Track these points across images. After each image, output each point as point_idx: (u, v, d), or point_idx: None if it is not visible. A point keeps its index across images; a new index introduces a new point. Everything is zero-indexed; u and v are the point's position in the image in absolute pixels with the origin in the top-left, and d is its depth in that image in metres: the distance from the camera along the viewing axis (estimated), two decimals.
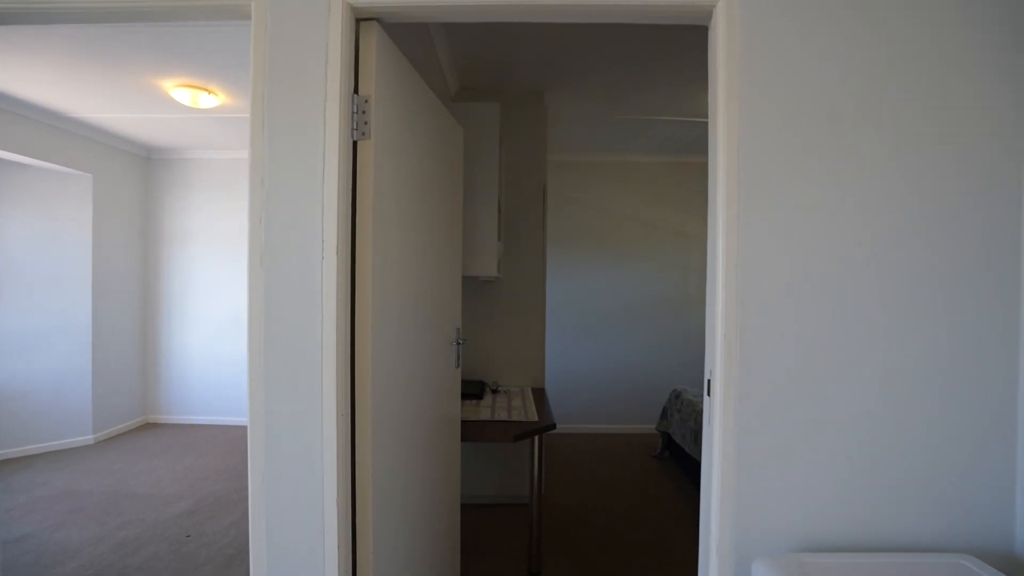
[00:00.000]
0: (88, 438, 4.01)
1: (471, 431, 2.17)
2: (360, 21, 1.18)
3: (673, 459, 3.90)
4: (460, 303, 2.00)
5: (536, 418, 2.36)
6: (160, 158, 4.60)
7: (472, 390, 2.78)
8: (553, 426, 2.31)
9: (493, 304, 3.09)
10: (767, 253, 1.07)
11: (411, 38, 2.01)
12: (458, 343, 1.92)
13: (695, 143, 4.22)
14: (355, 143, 1.18)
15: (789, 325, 1.07)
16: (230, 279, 4.56)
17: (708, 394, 1.14)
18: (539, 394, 2.91)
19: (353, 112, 1.16)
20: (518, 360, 3.10)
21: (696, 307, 4.67)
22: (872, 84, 1.08)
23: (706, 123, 3.55)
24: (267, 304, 1.09)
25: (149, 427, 4.53)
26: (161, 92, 3.14)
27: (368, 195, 1.18)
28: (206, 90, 3.05)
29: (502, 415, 2.41)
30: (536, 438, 2.33)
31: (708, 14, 1.15)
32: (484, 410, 2.50)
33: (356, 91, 1.18)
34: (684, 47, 2.54)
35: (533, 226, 3.10)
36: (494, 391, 2.92)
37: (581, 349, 4.66)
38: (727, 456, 1.06)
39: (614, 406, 4.67)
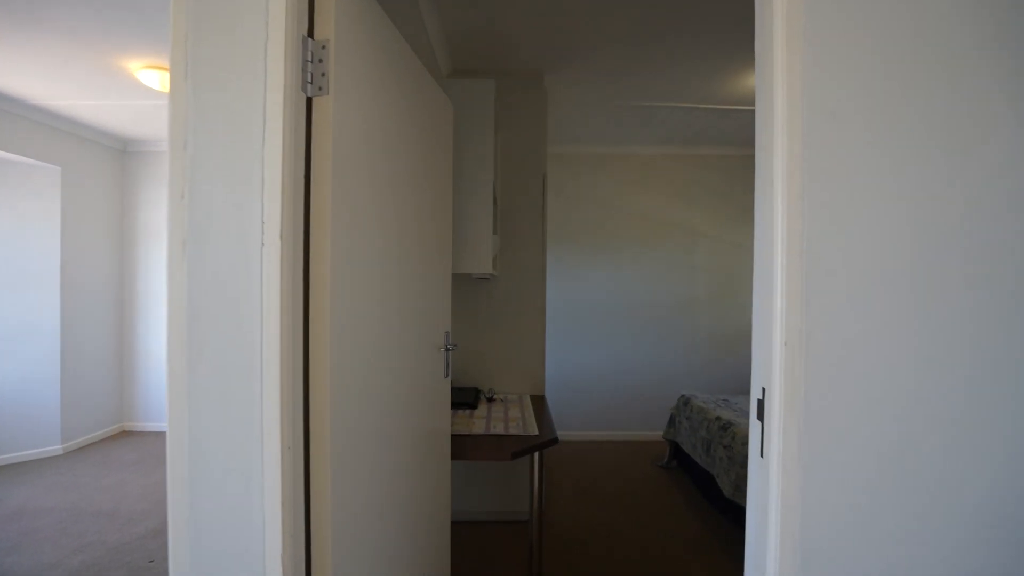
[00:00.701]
0: (56, 448, 3.75)
1: (463, 447, 1.92)
2: None
3: (681, 469, 3.65)
4: (450, 304, 1.76)
5: (536, 431, 2.12)
6: (136, 150, 4.34)
7: (465, 399, 2.54)
8: (555, 441, 2.07)
9: (488, 304, 2.85)
10: (844, 236, 0.82)
11: (394, 5, 1.77)
12: (447, 349, 1.68)
13: (703, 133, 3.98)
14: (309, 100, 0.93)
15: (874, 329, 0.82)
16: None
17: (759, 417, 0.90)
18: (539, 402, 2.67)
19: (306, 60, 0.92)
20: (516, 365, 2.85)
21: (705, 308, 4.43)
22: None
23: (716, 110, 3.30)
24: (190, 301, 0.84)
25: (125, 435, 4.26)
26: (127, 75, 2.88)
27: (326, 166, 0.94)
28: None
29: (498, 428, 2.16)
30: (536, 454, 2.08)
31: None
32: (478, 422, 2.25)
33: (311, 34, 0.94)
34: (693, 20, 2.30)
35: (532, 219, 2.86)
36: (490, 399, 2.67)
37: (583, 352, 4.42)
38: (788, 503, 0.81)
39: (618, 412, 4.43)
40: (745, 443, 2.63)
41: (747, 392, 4.41)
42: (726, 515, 2.83)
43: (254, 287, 0.83)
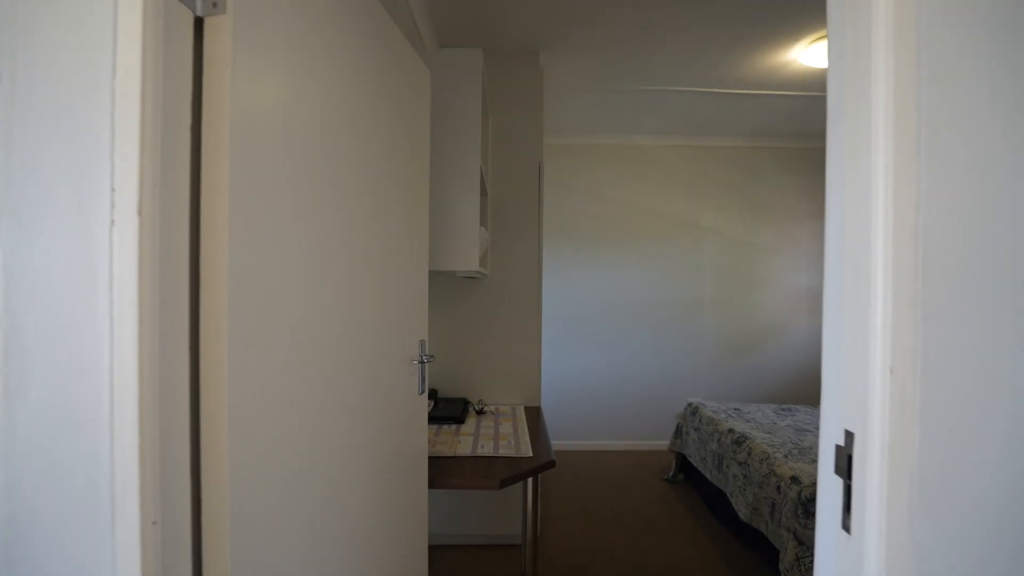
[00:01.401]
0: None
1: (445, 472, 1.65)
2: None
3: (688, 483, 3.39)
4: (426, 308, 1.48)
5: (530, 452, 1.85)
6: None
7: (451, 412, 2.26)
8: (551, 464, 1.80)
9: (477, 306, 2.58)
10: (987, 210, 0.55)
11: None
12: (423, 361, 1.40)
13: (710, 122, 3.72)
14: (200, 20, 0.66)
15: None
16: None
17: (841, 474, 0.63)
18: (534, 416, 2.40)
19: None
20: (508, 373, 2.58)
21: (711, 309, 4.17)
22: None
23: (726, 95, 3.02)
24: (6, 309, 0.57)
25: None
26: None
27: (221, 116, 0.66)
28: None
29: (487, 447, 1.89)
30: (530, 479, 1.81)
31: None
32: (464, 440, 1.97)
33: None
34: None
35: (527, 212, 2.58)
36: (479, 412, 2.40)
37: (581, 356, 4.15)
38: None
39: (618, 420, 4.16)
40: (763, 460, 2.36)
41: (759, 400, 4.14)
42: (740, 537, 2.56)
43: (99, 282, 0.56)
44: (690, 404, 3.39)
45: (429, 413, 2.23)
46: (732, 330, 4.17)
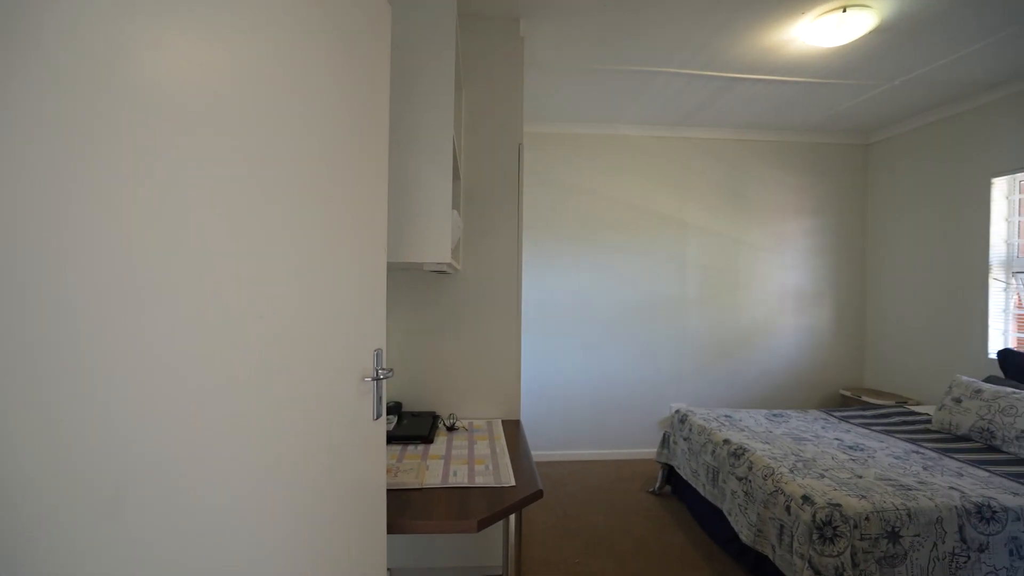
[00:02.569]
0: None
1: (410, 511, 1.33)
2: None
3: (676, 495, 3.15)
4: (383, 309, 1.17)
5: (511, 480, 1.55)
6: None
7: (417, 430, 1.95)
8: (538, 495, 1.51)
9: (448, 306, 2.27)
10: None
11: None
12: (378, 378, 1.09)
13: (698, 112, 3.50)
14: None
15: None
16: None
17: None
18: (513, 431, 2.10)
19: None
20: (485, 383, 2.28)
21: (696, 309, 3.96)
22: None
23: (718, 80, 2.78)
24: None
25: None
26: None
27: None
28: None
29: (460, 475, 1.58)
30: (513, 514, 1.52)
31: None
32: (433, 466, 1.66)
33: None
34: None
35: (505, 200, 2.29)
36: (450, 428, 2.09)
37: (560, 359, 3.88)
38: None
39: (600, 427, 3.90)
40: (767, 475, 2.13)
41: (745, 405, 3.96)
42: (740, 560, 2.33)
43: None
44: (678, 411, 3.16)
45: (391, 432, 1.91)
46: (717, 331, 3.98)
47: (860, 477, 2.06)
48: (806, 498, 1.88)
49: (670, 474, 3.20)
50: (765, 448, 2.41)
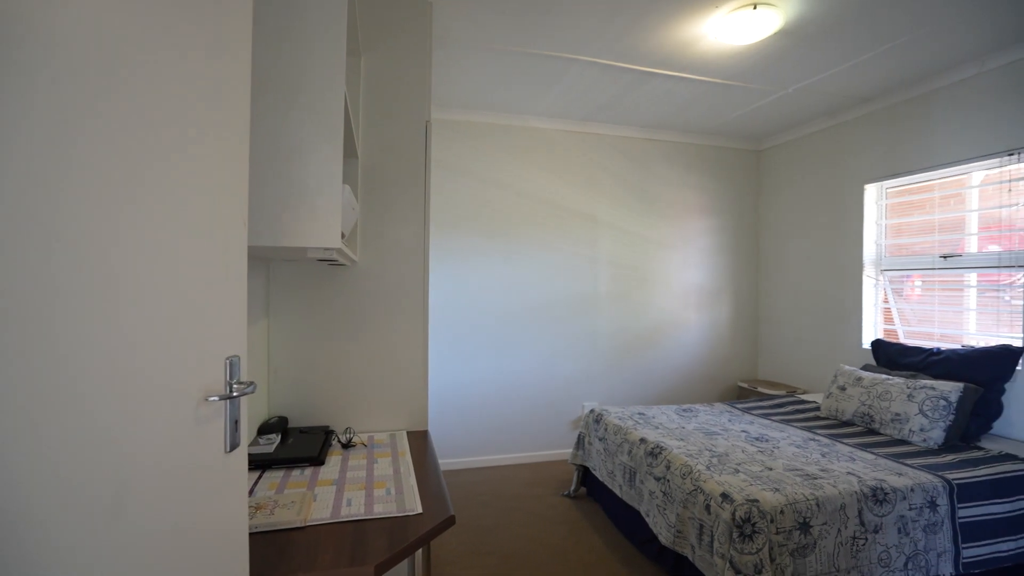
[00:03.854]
0: None
1: (286, 558, 1.05)
2: None
3: (592, 497, 3.08)
4: (242, 307, 0.88)
5: (418, 506, 1.31)
6: None
7: (305, 450, 1.64)
8: (449, 522, 1.28)
9: (343, 303, 1.97)
10: None
11: None
12: (231, 396, 0.80)
13: (610, 106, 3.48)
14: None
15: None
16: None
17: None
18: (421, 443, 1.86)
19: None
20: (387, 390, 2.00)
21: (607, 306, 3.95)
22: None
23: (631, 71, 2.75)
24: None
25: None
26: None
27: None
28: None
29: (355, 504, 1.31)
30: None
31: None
32: (323, 494, 1.38)
33: None
34: None
35: (409, 184, 2.04)
36: (347, 445, 1.80)
37: (472, 361, 3.67)
38: None
39: (511, 431, 3.75)
40: (685, 474, 2.09)
41: (654, 401, 4.02)
42: (659, 562, 2.27)
43: None
44: (592, 411, 3.09)
45: (271, 456, 1.58)
46: (628, 328, 4.00)
47: (770, 469, 2.08)
48: (725, 496, 1.85)
49: (585, 476, 3.12)
50: (680, 445, 2.38)
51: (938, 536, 1.97)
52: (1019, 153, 2.60)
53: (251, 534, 1.12)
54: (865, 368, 3.04)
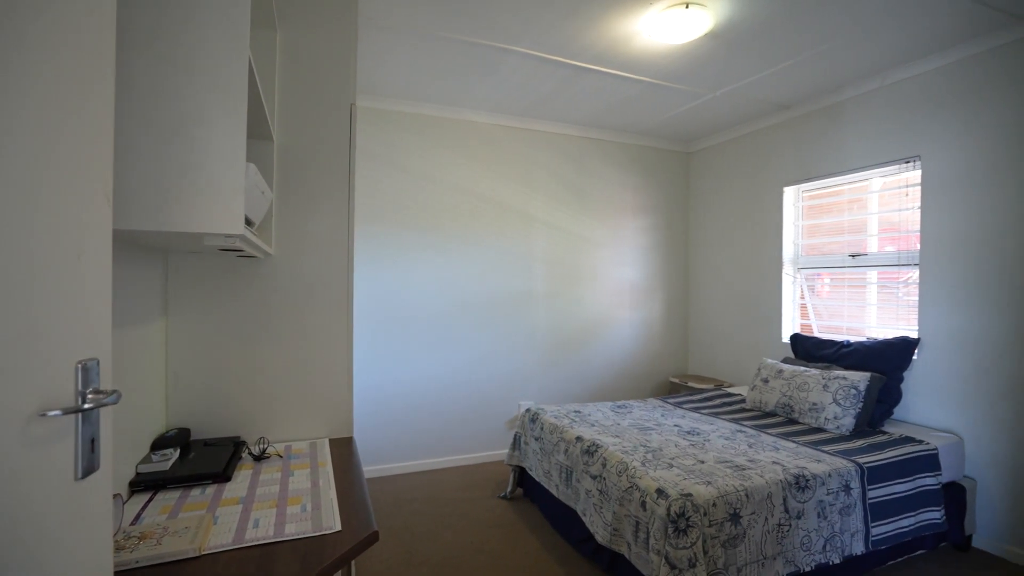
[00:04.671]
0: None
1: None
2: None
3: (528, 498, 3.03)
4: (106, 300, 0.72)
5: (336, 523, 1.18)
6: None
7: (207, 465, 1.45)
8: (373, 538, 1.16)
9: (260, 299, 1.78)
10: None
11: None
12: (82, 408, 0.64)
13: (545, 101, 3.45)
14: None
15: None
16: None
17: None
18: (344, 451, 1.71)
19: None
20: (307, 395, 1.83)
21: (543, 304, 3.93)
22: None
23: (567, 66, 2.71)
24: None
25: None
26: None
27: None
28: None
29: (264, 526, 1.16)
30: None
31: None
32: (226, 516, 1.21)
33: None
34: None
35: (332, 171, 1.88)
36: (258, 457, 1.62)
37: (402, 362, 3.52)
38: None
39: (445, 432, 3.64)
40: (621, 471, 2.08)
41: (594, 398, 4.04)
42: (595, 560, 2.25)
43: None
44: (528, 410, 3.04)
45: (166, 475, 1.38)
46: (563, 326, 4.00)
47: (702, 462, 2.11)
48: (660, 491, 1.84)
49: (522, 476, 3.07)
50: (616, 442, 2.38)
51: (851, 517, 2.08)
52: (915, 161, 2.83)
53: (130, 570, 0.96)
54: (785, 361, 3.20)
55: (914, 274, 2.87)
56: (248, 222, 1.35)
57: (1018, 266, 2.40)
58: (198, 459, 1.51)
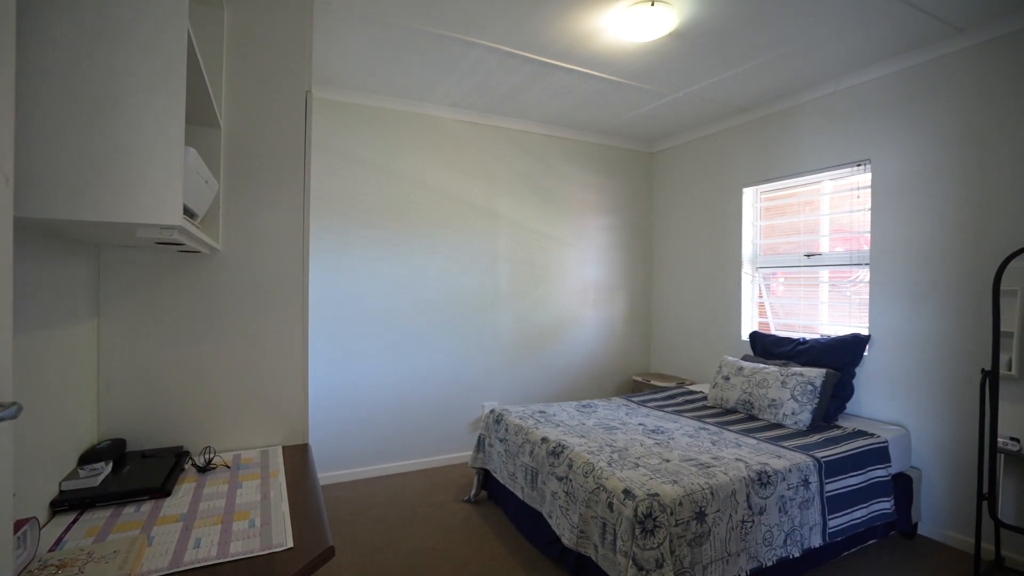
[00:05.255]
0: None
1: None
2: None
3: (493, 500, 2.97)
4: (5, 297, 0.62)
5: (288, 539, 1.10)
6: None
7: (144, 480, 1.33)
8: (329, 554, 1.08)
9: (207, 299, 1.65)
10: None
11: None
12: None
13: (509, 97, 3.40)
14: None
15: None
16: None
17: None
18: (299, 459, 1.61)
19: None
20: (259, 400, 1.72)
21: (507, 303, 3.88)
22: None
23: (532, 62, 2.67)
24: None
25: None
26: None
27: None
28: None
29: (206, 546, 1.06)
30: None
31: None
32: (163, 537, 1.10)
33: None
34: None
35: (285, 162, 1.77)
36: (204, 468, 1.50)
37: (362, 363, 3.40)
38: None
39: (411, 435, 3.54)
40: (587, 472, 2.05)
41: (559, 398, 4.02)
42: (562, 563, 2.22)
43: None
44: (492, 411, 2.98)
45: (95, 491, 1.25)
46: (527, 325, 3.96)
47: (668, 461, 2.11)
48: (627, 492, 1.83)
49: (486, 479, 3.01)
50: (582, 442, 2.35)
51: (810, 511, 2.12)
52: (865, 164, 2.94)
53: None
54: (745, 358, 3.27)
55: (863, 273, 2.98)
56: (190, 213, 1.24)
57: (959, 266, 2.53)
58: (134, 473, 1.38)
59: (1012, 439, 2.24)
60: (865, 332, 2.93)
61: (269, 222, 1.74)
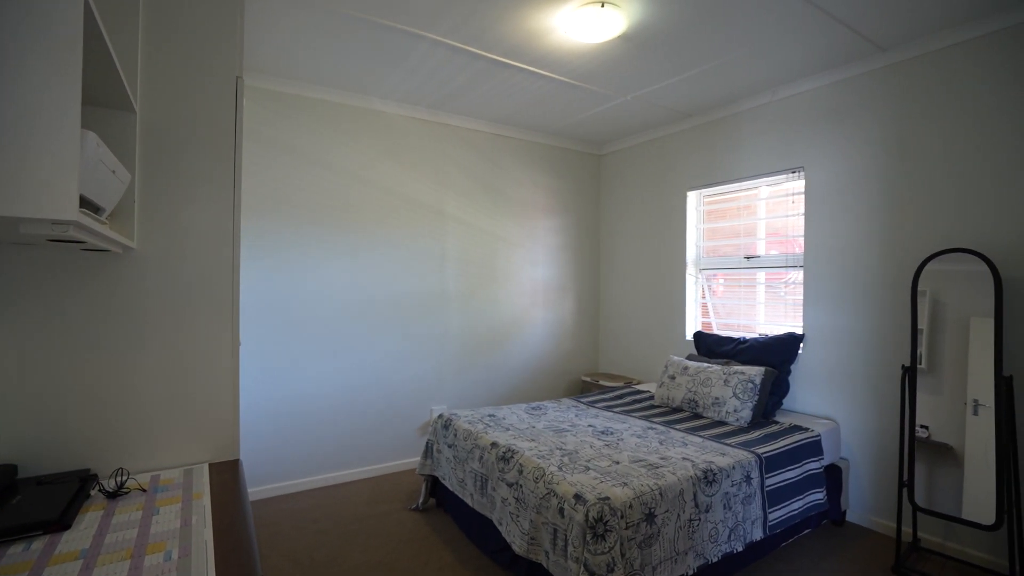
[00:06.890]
0: None
1: None
2: None
3: (442, 508, 2.89)
4: None
5: (211, 574, 0.98)
6: None
7: (38, 512, 1.16)
8: None
9: (121, 303, 1.48)
10: None
11: None
12: None
13: (459, 94, 3.32)
14: None
15: None
16: None
17: None
18: (227, 478, 1.47)
19: None
20: (181, 414, 1.56)
21: (456, 305, 3.80)
22: None
23: (482, 59, 2.59)
24: None
25: None
26: None
27: None
28: None
29: None
30: None
31: None
32: None
33: None
34: None
35: (211, 154, 1.62)
36: (114, 493, 1.33)
37: (302, 369, 3.22)
38: None
39: (355, 443, 3.39)
40: (538, 478, 2.01)
41: (509, 400, 3.98)
42: (513, 570, 2.17)
43: None
44: (441, 416, 2.90)
45: None
46: (476, 327, 3.90)
47: (617, 463, 2.11)
48: (578, 496, 1.80)
49: (435, 486, 2.92)
50: (532, 446, 2.32)
51: (752, 506, 2.19)
52: (800, 171, 3.08)
53: None
54: (690, 357, 3.36)
55: (797, 275, 3.13)
56: (92, 207, 1.09)
57: (882, 268, 2.69)
58: (25, 503, 1.21)
59: (922, 427, 2.41)
60: (800, 331, 3.07)
61: (194, 218, 1.58)
